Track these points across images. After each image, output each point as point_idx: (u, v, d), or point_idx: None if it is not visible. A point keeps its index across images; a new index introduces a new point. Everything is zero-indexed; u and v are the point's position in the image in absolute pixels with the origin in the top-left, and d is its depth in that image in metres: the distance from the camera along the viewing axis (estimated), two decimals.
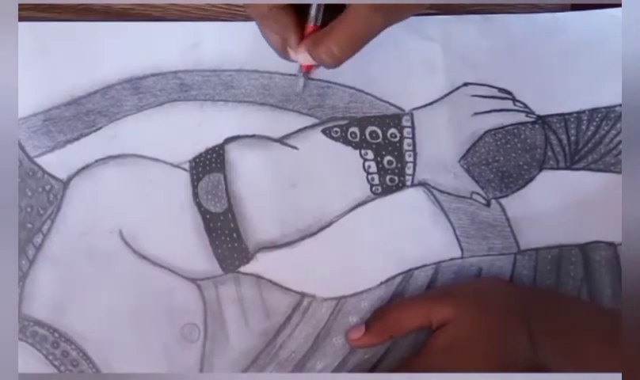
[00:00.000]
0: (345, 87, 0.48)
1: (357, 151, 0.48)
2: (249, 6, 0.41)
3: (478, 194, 0.48)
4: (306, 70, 0.45)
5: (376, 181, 0.48)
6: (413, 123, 0.48)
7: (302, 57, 0.42)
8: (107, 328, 0.45)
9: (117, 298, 0.45)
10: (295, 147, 0.48)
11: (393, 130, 0.48)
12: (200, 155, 0.47)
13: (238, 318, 0.46)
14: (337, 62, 0.40)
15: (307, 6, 0.42)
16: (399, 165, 0.48)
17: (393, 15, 0.39)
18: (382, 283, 0.47)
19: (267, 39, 0.43)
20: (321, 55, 0.40)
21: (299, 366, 0.45)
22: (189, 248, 0.46)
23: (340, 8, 0.40)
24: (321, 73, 0.47)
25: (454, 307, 0.43)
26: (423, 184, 0.48)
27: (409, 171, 0.48)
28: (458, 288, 0.46)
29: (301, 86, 0.46)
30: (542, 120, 0.49)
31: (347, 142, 0.48)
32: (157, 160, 0.47)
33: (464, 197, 0.48)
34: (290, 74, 0.47)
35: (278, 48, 0.43)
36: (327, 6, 0.42)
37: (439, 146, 0.48)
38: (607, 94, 0.49)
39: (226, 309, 0.46)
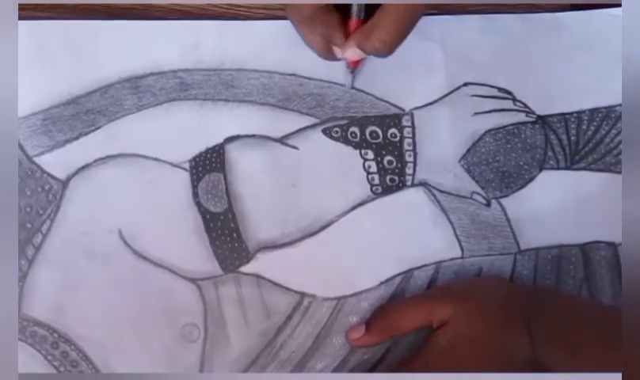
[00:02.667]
0: (345, 87, 0.48)
1: (357, 151, 0.48)
2: (292, 11, 0.42)
3: (478, 194, 0.48)
4: (354, 66, 0.45)
5: (376, 181, 0.48)
6: (413, 122, 0.48)
7: (351, 52, 0.43)
8: (106, 329, 0.45)
9: (117, 299, 0.45)
10: (295, 147, 0.47)
11: (393, 130, 0.48)
12: (200, 155, 0.47)
13: (238, 318, 0.46)
14: (390, 49, 0.41)
15: (347, 5, 0.42)
16: (399, 165, 0.48)
17: None
18: (382, 283, 0.47)
19: (308, 43, 0.43)
20: (375, 44, 0.41)
21: (299, 366, 0.45)
22: (189, 248, 0.46)
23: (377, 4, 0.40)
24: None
25: (454, 306, 0.43)
26: (423, 184, 0.48)
27: (409, 171, 0.48)
28: (458, 287, 0.46)
29: (350, 82, 0.46)
30: (543, 120, 0.49)
31: (347, 142, 0.48)
32: (157, 159, 0.47)
33: (464, 197, 0.48)
34: (290, 74, 0.47)
35: (321, 50, 0.43)
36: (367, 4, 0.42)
37: (439, 145, 0.48)
38: (608, 94, 0.49)
39: (226, 309, 0.46)
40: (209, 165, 0.47)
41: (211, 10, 0.48)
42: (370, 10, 0.42)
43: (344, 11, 0.42)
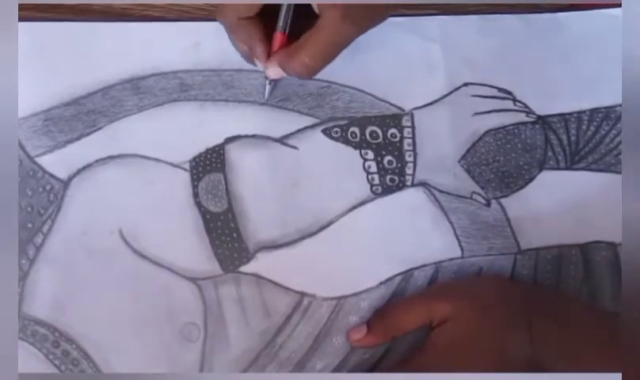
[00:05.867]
0: (345, 87, 0.48)
1: (357, 151, 0.48)
2: (219, 15, 0.43)
3: (478, 194, 0.48)
4: (273, 79, 0.46)
5: (376, 181, 0.48)
6: (413, 123, 0.48)
7: (272, 71, 0.44)
8: (107, 328, 0.45)
9: (117, 298, 0.45)
10: (295, 147, 0.48)
11: (393, 130, 0.48)
12: (200, 155, 0.47)
13: (238, 318, 0.46)
14: (311, 73, 0.42)
15: (275, 17, 0.43)
16: (399, 165, 0.48)
17: (364, 23, 0.41)
18: (382, 283, 0.47)
19: (235, 46, 0.45)
20: (296, 67, 0.41)
21: (299, 366, 0.45)
22: (189, 247, 0.46)
23: (308, 16, 0.41)
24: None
25: (453, 304, 0.43)
26: (423, 184, 0.48)
27: (409, 171, 0.48)
28: (458, 285, 0.46)
29: (267, 94, 0.47)
30: (543, 120, 0.49)
31: (347, 142, 0.48)
32: (157, 160, 0.47)
33: (464, 197, 0.48)
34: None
35: (246, 56, 0.45)
36: (294, 16, 0.43)
37: (439, 146, 0.48)
38: (608, 94, 0.49)
39: (227, 309, 0.46)
40: (209, 165, 0.47)
41: (210, 10, 0.48)
42: (297, 27, 0.42)
43: (270, 23, 0.43)
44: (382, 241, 0.47)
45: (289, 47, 0.42)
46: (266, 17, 0.43)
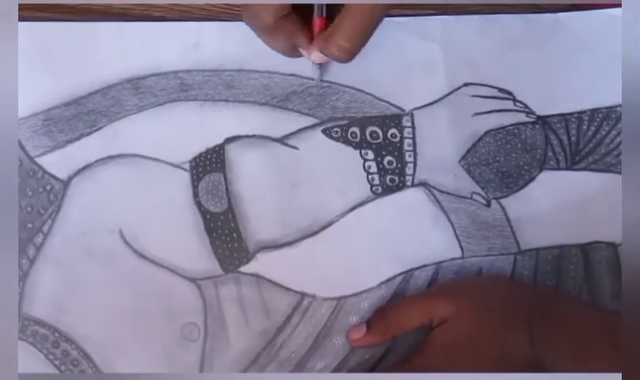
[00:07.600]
0: (345, 87, 0.48)
1: (357, 151, 0.48)
2: (252, 20, 0.42)
3: (478, 194, 0.48)
4: (320, 63, 0.45)
5: (376, 181, 0.48)
6: (413, 123, 0.48)
7: (315, 56, 0.43)
8: (107, 328, 0.45)
9: (117, 298, 0.45)
10: (295, 147, 0.48)
11: (393, 130, 0.48)
12: (200, 155, 0.47)
13: (238, 318, 0.46)
14: (349, 56, 0.41)
15: (309, 4, 0.42)
16: (399, 165, 0.48)
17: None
18: (382, 283, 0.47)
19: (271, 47, 0.44)
20: (334, 52, 0.41)
21: (299, 366, 0.45)
22: (189, 248, 0.46)
23: None
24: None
25: (454, 305, 0.43)
26: (423, 184, 0.48)
27: (409, 171, 0.48)
28: (458, 286, 0.46)
29: (318, 77, 0.46)
30: (543, 120, 0.49)
31: (347, 142, 0.48)
32: (157, 160, 0.47)
33: (464, 197, 0.48)
34: (290, 74, 0.47)
35: (288, 52, 0.44)
36: None
37: (439, 146, 0.48)
38: (608, 94, 0.49)
39: (227, 308, 0.46)
40: (209, 165, 0.47)
41: (210, 10, 0.48)
42: (335, 6, 0.42)
43: (306, 11, 0.43)
44: (383, 241, 0.47)
45: (325, 32, 0.42)
46: (300, 9, 0.42)
